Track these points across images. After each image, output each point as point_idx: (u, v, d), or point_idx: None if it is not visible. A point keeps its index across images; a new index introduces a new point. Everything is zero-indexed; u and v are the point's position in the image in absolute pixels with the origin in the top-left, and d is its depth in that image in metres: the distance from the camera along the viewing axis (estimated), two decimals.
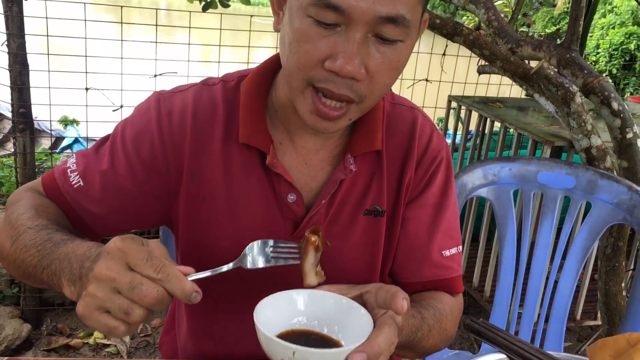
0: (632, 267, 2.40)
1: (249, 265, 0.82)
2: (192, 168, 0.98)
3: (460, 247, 1.11)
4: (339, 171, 0.98)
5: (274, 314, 0.76)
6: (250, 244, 0.83)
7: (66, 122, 4.51)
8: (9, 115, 2.59)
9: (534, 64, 2.01)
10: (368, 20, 0.78)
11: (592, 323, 2.63)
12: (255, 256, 0.83)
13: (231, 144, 0.98)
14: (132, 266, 0.69)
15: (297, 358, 0.68)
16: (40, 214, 0.91)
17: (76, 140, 4.42)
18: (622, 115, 1.77)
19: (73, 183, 0.98)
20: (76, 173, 0.99)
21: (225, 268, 0.80)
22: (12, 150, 2.99)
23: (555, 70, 1.77)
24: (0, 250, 0.93)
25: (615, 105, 1.78)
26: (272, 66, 1.01)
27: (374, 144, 1.00)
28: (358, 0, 0.77)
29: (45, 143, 4.09)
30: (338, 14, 0.78)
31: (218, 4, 3.06)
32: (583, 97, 1.87)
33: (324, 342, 0.76)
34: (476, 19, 2.32)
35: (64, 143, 4.41)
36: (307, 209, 0.99)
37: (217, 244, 1.00)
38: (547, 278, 1.67)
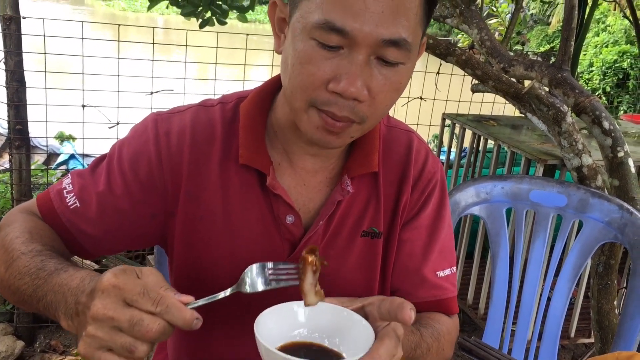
0: (624, 285, 2.41)
1: (248, 290, 0.80)
2: (190, 188, 0.98)
3: (455, 267, 1.11)
4: (337, 192, 0.99)
5: (275, 326, 0.76)
6: (248, 267, 0.81)
7: (62, 138, 4.52)
8: (4, 131, 2.61)
9: (529, 82, 2.03)
10: (371, 43, 0.80)
11: (586, 341, 2.63)
12: (254, 279, 0.81)
13: (229, 165, 0.98)
14: (130, 302, 0.68)
15: None
16: (34, 238, 0.91)
17: (72, 157, 4.42)
18: (613, 134, 1.79)
19: (69, 204, 0.98)
20: (72, 194, 0.98)
21: (222, 295, 0.78)
22: (7, 165, 2.99)
23: (546, 90, 1.79)
24: None
25: (606, 124, 1.80)
26: (272, 88, 1.02)
27: (370, 165, 1.01)
28: (362, 24, 0.79)
29: (39, 159, 4.10)
30: (342, 37, 0.80)
31: (215, 21, 3.09)
32: (574, 116, 1.90)
33: (325, 354, 0.76)
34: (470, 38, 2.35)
35: (60, 159, 4.42)
36: (305, 230, 1.00)
37: (213, 264, 1.00)
38: (540, 296, 1.68)
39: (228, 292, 0.79)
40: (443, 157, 3.15)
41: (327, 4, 0.80)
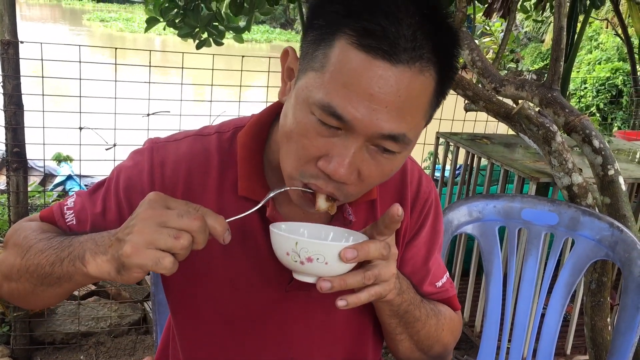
0: (619, 301, 2.42)
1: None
2: None
3: (447, 272, 1.17)
4: (338, 222, 0.99)
5: (286, 228, 0.90)
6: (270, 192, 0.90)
7: (60, 159, 4.55)
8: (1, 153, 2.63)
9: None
10: (369, 134, 0.79)
11: (582, 358, 2.63)
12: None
13: (226, 195, 0.98)
14: (173, 207, 0.78)
15: (299, 249, 0.80)
16: (47, 231, 0.96)
17: (69, 177, 4.44)
18: (603, 152, 1.82)
19: (67, 220, 1.01)
20: (72, 212, 1.01)
21: (252, 210, 0.88)
22: (4, 187, 3.00)
23: (536, 110, 1.82)
24: (8, 271, 0.95)
25: (596, 143, 1.83)
26: (268, 118, 1.01)
27: (370, 194, 1.02)
28: (363, 115, 0.78)
29: (35, 180, 4.12)
30: (340, 122, 0.79)
31: (212, 42, 3.13)
32: (565, 134, 1.93)
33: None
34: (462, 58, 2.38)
35: (57, 180, 4.43)
36: None
37: (211, 294, 1.01)
38: (534, 314, 1.69)
39: (257, 207, 0.89)
40: (438, 174, 3.17)
41: (332, 86, 0.78)
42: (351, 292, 0.85)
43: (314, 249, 0.80)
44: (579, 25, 2.81)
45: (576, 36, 2.76)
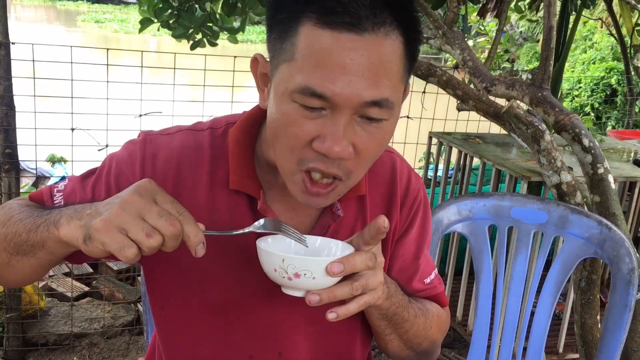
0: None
1: (259, 229, 0.89)
2: None
3: (436, 269, 1.19)
4: (327, 217, 1.01)
5: (274, 243, 0.92)
6: (263, 218, 0.90)
7: (54, 160, 4.54)
8: None
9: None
10: (353, 105, 0.81)
11: (574, 356, 2.64)
12: (267, 225, 0.90)
13: (217, 189, 1.00)
14: (159, 202, 0.79)
15: (286, 265, 0.82)
16: (31, 206, 0.97)
17: (63, 179, 4.43)
18: (592, 151, 1.82)
19: (55, 202, 1.01)
20: (61, 194, 1.02)
21: (235, 232, 0.88)
22: None
23: (525, 109, 1.83)
24: None
25: (586, 141, 1.83)
26: (259, 116, 1.03)
27: (359, 189, 1.03)
28: (342, 88, 0.80)
29: (28, 182, 4.10)
30: (323, 100, 0.81)
31: (206, 42, 3.13)
32: (555, 133, 1.93)
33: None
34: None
35: (51, 182, 4.42)
36: None
37: (199, 287, 1.01)
38: (524, 311, 1.69)
39: (240, 231, 0.88)
40: (431, 173, 3.18)
41: (306, 69, 0.80)
42: (341, 303, 0.87)
43: (301, 264, 0.82)
44: (571, 24, 2.82)
45: (568, 35, 2.78)
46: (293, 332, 1.05)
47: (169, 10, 2.93)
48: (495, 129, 3.36)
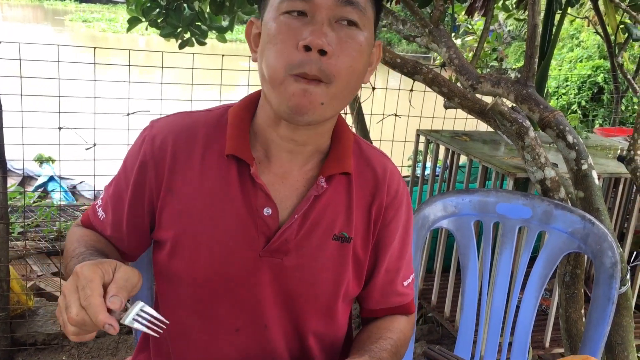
0: None
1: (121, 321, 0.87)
2: (170, 184, 1.06)
3: (414, 274, 1.24)
4: (313, 189, 1.06)
5: None
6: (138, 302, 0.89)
7: (42, 160, 4.52)
8: None
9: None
10: (329, 5, 0.94)
11: (561, 350, 2.67)
12: (130, 312, 0.87)
13: (210, 159, 1.06)
14: (77, 291, 0.83)
15: None
16: (80, 244, 1.07)
17: (51, 178, 4.42)
18: (576, 147, 1.85)
19: (100, 217, 1.14)
20: (101, 208, 1.14)
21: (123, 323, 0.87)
22: None
23: (509, 106, 1.85)
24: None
25: (570, 138, 1.85)
26: (256, 98, 1.11)
27: (344, 167, 1.08)
28: None
29: (14, 182, 4.09)
30: (304, 2, 0.93)
31: (195, 42, 3.13)
32: (540, 130, 1.96)
33: None
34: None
35: (39, 181, 4.41)
36: (281, 225, 1.05)
37: (191, 256, 1.05)
38: (510, 306, 1.72)
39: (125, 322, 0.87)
40: (418, 171, 3.19)
41: None
42: None
43: None
44: (555, 24, 2.84)
45: (553, 33, 2.80)
46: (276, 307, 1.08)
47: (157, 9, 2.92)
48: (483, 126, 3.38)
